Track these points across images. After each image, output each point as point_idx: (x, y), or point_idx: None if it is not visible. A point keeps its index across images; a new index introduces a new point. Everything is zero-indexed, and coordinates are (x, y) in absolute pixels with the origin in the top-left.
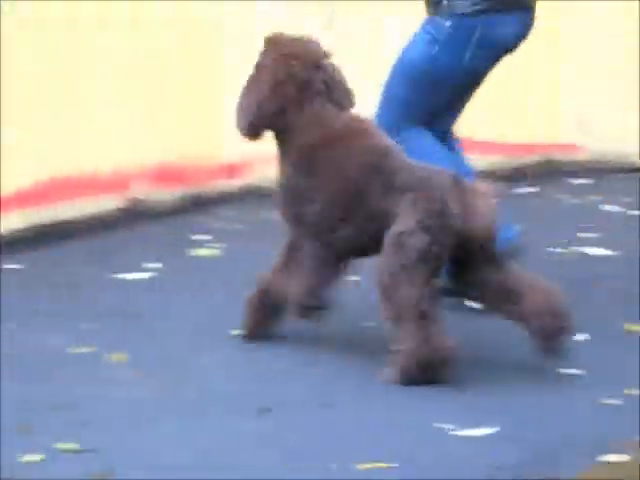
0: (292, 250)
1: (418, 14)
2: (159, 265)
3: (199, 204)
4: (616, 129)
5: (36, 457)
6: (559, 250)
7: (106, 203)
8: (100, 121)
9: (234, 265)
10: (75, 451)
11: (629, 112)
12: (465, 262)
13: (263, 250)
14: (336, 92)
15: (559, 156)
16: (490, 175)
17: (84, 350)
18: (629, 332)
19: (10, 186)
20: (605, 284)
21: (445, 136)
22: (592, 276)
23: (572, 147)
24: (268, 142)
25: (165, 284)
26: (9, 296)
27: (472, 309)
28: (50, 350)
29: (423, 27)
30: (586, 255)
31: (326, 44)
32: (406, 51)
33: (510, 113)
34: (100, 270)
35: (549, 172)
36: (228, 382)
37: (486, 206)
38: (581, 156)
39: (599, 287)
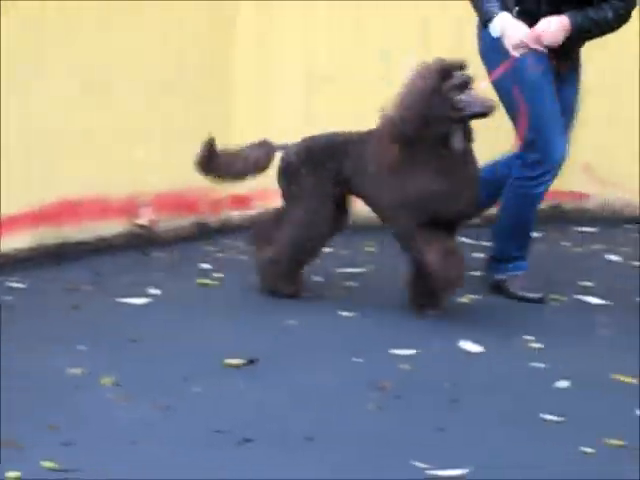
0: None
1: None
2: (158, 292)
3: (205, 233)
4: (624, 178)
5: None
6: (557, 296)
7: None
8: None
9: (233, 295)
10: (55, 470)
11: (638, 161)
12: None
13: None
14: None
15: (567, 203)
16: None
17: (77, 372)
18: (615, 382)
19: (16, 206)
20: (599, 333)
21: None
22: (587, 324)
23: (579, 195)
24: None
25: (164, 310)
26: (12, 315)
27: None
28: (49, 371)
29: None
30: (584, 303)
31: None
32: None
33: None
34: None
35: (556, 219)
36: (214, 414)
37: None
38: (588, 204)
39: (592, 335)
